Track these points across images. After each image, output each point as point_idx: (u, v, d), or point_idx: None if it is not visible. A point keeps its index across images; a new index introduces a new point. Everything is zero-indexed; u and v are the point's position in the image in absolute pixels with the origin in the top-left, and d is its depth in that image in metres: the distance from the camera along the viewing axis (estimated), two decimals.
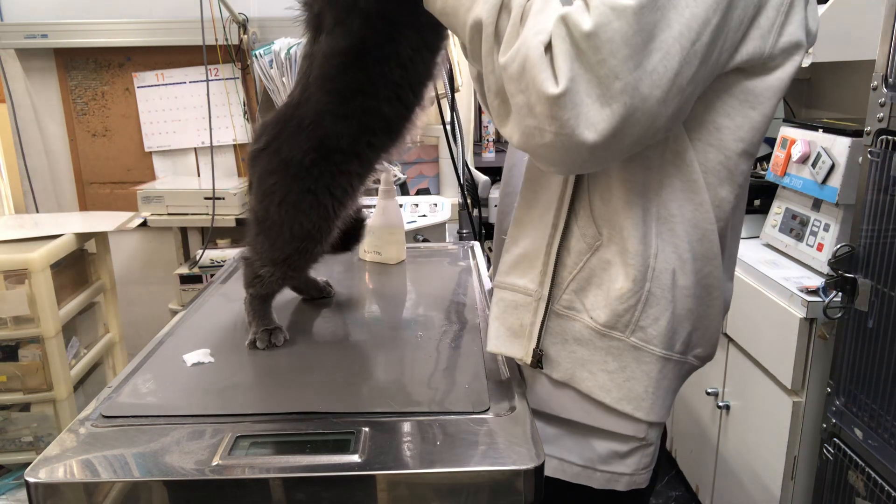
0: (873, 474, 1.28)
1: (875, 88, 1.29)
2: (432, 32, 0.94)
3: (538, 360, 0.84)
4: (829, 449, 1.41)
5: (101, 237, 2.11)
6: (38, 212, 2.73)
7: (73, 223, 2.08)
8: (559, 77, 0.64)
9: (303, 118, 0.96)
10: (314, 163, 0.96)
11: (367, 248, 1.46)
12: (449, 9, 0.76)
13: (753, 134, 0.78)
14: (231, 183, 2.57)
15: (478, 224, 2.41)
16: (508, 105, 0.70)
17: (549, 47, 0.65)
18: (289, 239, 1.01)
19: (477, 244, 1.58)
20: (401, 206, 1.60)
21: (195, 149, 2.74)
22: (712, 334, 0.87)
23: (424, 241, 1.99)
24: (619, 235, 0.79)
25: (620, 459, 0.85)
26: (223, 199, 2.44)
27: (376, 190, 1.41)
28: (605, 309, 0.80)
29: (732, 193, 0.80)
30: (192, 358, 0.98)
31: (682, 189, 0.78)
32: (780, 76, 0.76)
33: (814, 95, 2.26)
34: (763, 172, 1.99)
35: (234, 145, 2.75)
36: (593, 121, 0.64)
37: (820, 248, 1.57)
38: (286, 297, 1.23)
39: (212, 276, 2.32)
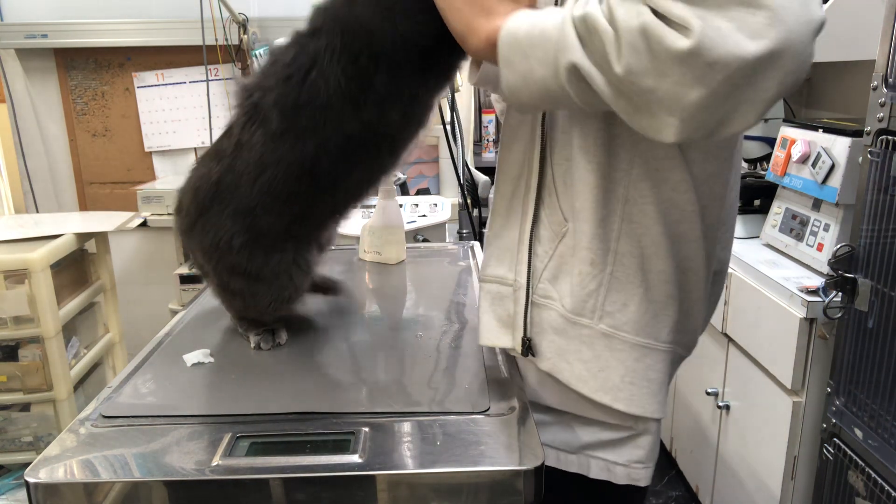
0: (873, 474, 1.28)
1: (875, 88, 1.29)
2: (390, 157, 0.94)
3: (528, 348, 0.84)
4: (829, 449, 1.41)
5: (101, 237, 2.11)
6: (38, 212, 2.73)
7: (73, 223, 2.08)
8: (689, 24, 0.56)
9: (226, 202, 0.94)
10: (244, 245, 0.95)
11: (367, 248, 1.46)
12: (519, 82, 0.69)
13: None
14: None
15: (478, 224, 2.41)
16: (656, 96, 0.61)
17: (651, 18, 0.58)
18: (241, 307, 1.03)
19: (477, 244, 1.58)
20: (401, 206, 1.61)
21: (195, 149, 2.74)
22: (697, 321, 0.84)
23: (424, 241, 1.99)
24: (577, 219, 0.78)
25: (612, 448, 0.85)
26: None
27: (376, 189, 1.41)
28: (570, 296, 0.80)
29: (720, 166, 0.77)
30: (192, 358, 0.98)
31: (657, 168, 0.75)
32: None
33: (814, 95, 2.26)
34: (763, 172, 1.99)
35: None
36: (747, 35, 0.56)
37: (820, 248, 1.57)
38: None
39: None
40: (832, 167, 1.52)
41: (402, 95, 0.87)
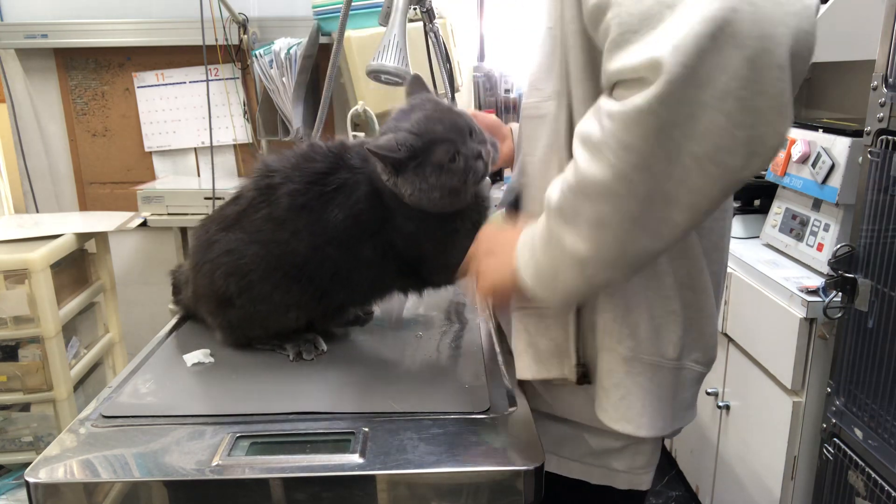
0: (873, 474, 1.28)
1: (875, 88, 1.29)
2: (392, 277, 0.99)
3: (584, 374, 0.81)
4: (829, 449, 1.41)
5: (101, 237, 2.11)
6: (38, 212, 2.73)
7: (73, 223, 2.08)
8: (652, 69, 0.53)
9: (221, 262, 0.96)
10: (241, 299, 0.97)
11: None
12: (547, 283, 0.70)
13: None
14: (231, 183, 2.57)
15: None
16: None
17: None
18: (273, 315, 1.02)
19: None
20: None
21: (195, 149, 2.74)
22: (708, 337, 0.82)
23: None
24: None
25: (615, 456, 0.85)
26: (223, 199, 2.44)
27: None
28: (603, 320, 0.79)
29: None
30: (192, 358, 0.98)
31: None
32: None
33: (814, 95, 2.26)
34: (763, 172, 1.99)
35: (234, 145, 2.74)
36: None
37: (820, 248, 1.57)
38: None
39: None
40: (832, 167, 1.52)
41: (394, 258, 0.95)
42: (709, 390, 1.89)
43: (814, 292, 1.45)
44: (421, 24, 1.64)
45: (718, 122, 0.54)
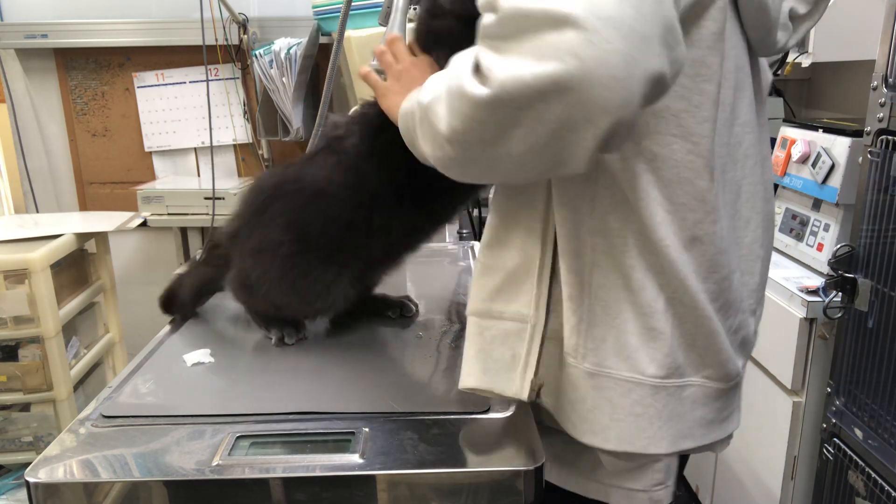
0: (873, 474, 1.28)
1: (875, 88, 1.29)
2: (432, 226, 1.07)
3: (538, 392, 0.79)
4: (829, 449, 1.41)
5: (101, 237, 2.11)
6: (38, 212, 2.73)
7: (73, 223, 2.08)
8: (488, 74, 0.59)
9: (281, 210, 1.00)
10: (289, 255, 0.99)
11: None
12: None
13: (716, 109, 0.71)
14: (231, 183, 2.57)
15: (478, 224, 2.41)
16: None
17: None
18: (267, 308, 1.05)
19: (477, 244, 1.58)
20: None
21: (195, 149, 2.74)
22: (717, 353, 0.78)
23: None
24: (560, 252, 0.76)
25: (631, 477, 0.82)
26: (223, 199, 2.44)
27: None
28: (564, 333, 0.77)
29: (714, 180, 0.72)
30: (192, 358, 0.98)
31: (622, 201, 0.72)
32: (712, 29, 0.69)
33: (814, 95, 2.26)
34: None
35: (234, 145, 2.74)
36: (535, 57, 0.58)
37: (820, 248, 1.57)
38: None
39: None
40: (832, 167, 1.52)
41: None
42: None
43: (814, 292, 1.45)
44: None
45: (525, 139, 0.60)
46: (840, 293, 1.36)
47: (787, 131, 1.74)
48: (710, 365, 0.78)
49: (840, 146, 1.51)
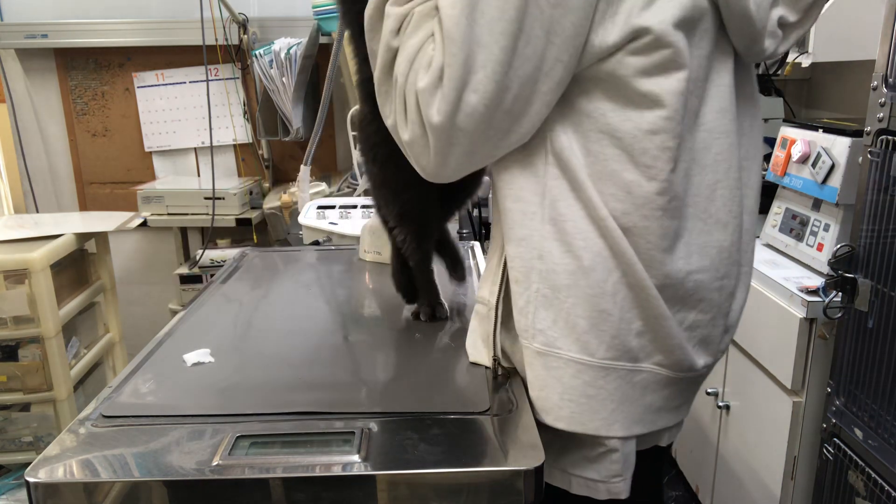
0: (873, 474, 1.28)
1: (875, 88, 1.29)
2: None
3: (497, 367, 0.89)
4: (829, 449, 1.41)
5: (101, 237, 2.11)
6: (38, 212, 2.73)
7: (73, 223, 2.08)
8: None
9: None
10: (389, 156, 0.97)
11: (367, 249, 1.46)
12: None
13: (643, 111, 0.74)
14: (231, 183, 2.57)
15: (478, 224, 2.41)
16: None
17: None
18: (399, 191, 1.02)
19: (477, 244, 1.58)
20: None
21: (195, 149, 2.74)
22: (666, 339, 0.80)
23: None
24: (506, 239, 0.82)
25: (589, 465, 0.84)
26: (223, 199, 2.44)
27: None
28: (514, 316, 0.83)
29: (644, 175, 0.75)
30: (192, 358, 0.98)
31: (568, 189, 0.77)
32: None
33: (814, 95, 2.26)
34: (763, 172, 1.99)
35: (234, 145, 2.75)
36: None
37: (820, 248, 1.57)
38: (282, 297, 1.23)
39: (212, 276, 2.32)
40: (832, 167, 1.52)
41: None
42: (709, 390, 1.89)
43: (814, 292, 1.45)
44: None
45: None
46: (840, 293, 1.36)
47: (787, 131, 1.74)
48: (659, 350, 0.81)
49: (840, 146, 1.51)
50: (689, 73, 0.73)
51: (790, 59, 1.86)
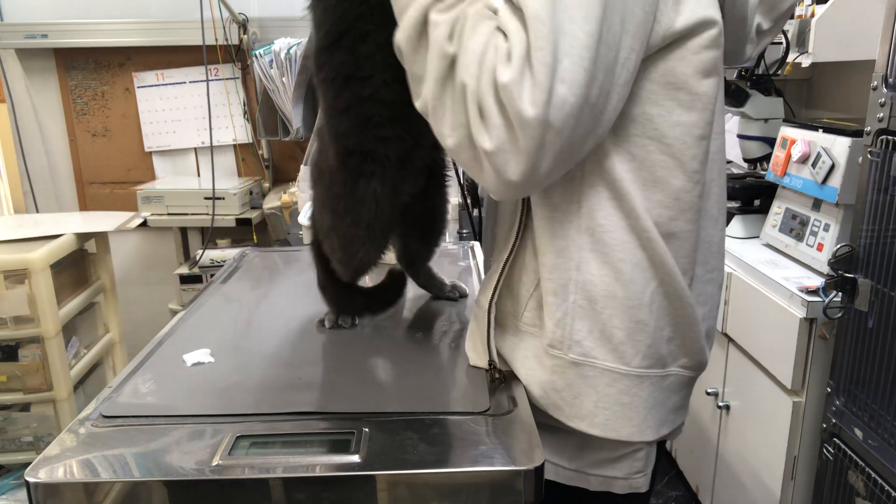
0: (873, 474, 1.28)
1: (875, 88, 1.29)
2: None
3: (493, 370, 0.88)
4: (829, 449, 1.41)
5: (101, 237, 2.11)
6: (38, 212, 2.73)
7: (73, 223, 2.08)
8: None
9: (322, 127, 0.97)
10: (336, 169, 0.95)
11: None
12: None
13: (693, 115, 0.75)
14: (231, 183, 2.57)
15: (478, 224, 2.41)
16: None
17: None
18: (337, 245, 1.00)
19: (477, 244, 1.58)
20: None
21: (195, 149, 2.74)
22: (692, 343, 0.82)
23: None
24: (540, 251, 0.81)
25: (612, 464, 0.85)
26: (223, 199, 2.44)
27: None
28: (547, 326, 0.81)
29: (691, 181, 0.76)
30: (192, 358, 0.98)
31: (608, 198, 0.76)
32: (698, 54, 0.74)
33: (814, 95, 2.26)
34: (763, 172, 1.99)
35: (234, 145, 2.75)
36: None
37: (820, 248, 1.57)
38: (282, 297, 1.23)
39: (212, 276, 2.32)
40: (832, 167, 1.52)
41: None
42: (709, 390, 1.89)
43: (814, 292, 1.45)
44: None
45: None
46: (840, 293, 1.36)
47: (787, 131, 1.74)
48: (686, 354, 0.83)
49: (840, 146, 1.51)
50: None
51: (790, 58, 1.86)
